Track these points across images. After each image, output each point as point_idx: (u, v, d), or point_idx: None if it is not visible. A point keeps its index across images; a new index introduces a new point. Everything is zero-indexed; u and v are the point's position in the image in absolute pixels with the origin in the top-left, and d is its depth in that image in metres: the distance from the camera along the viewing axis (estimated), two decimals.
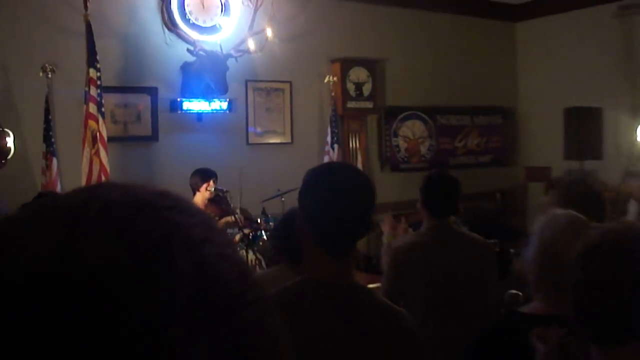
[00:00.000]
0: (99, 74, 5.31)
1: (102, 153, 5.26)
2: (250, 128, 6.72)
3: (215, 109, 6.22)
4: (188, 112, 6.14)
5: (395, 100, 7.73)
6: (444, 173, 3.59)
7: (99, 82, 5.31)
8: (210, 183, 5.38)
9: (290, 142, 6.96)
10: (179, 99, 6.09)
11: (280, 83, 6.89)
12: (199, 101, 6.13)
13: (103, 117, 5.33)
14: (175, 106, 6.10)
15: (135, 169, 5.85)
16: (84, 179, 5.13)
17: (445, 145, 8.22)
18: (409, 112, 7.86)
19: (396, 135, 7.78)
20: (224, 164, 5.86)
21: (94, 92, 5.28)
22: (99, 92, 5.30)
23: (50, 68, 5.31)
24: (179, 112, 6.11)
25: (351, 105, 7.20)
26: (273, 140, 6.88)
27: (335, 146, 6.83)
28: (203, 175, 5.43)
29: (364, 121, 7.44)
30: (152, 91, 6.08)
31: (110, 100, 5.74)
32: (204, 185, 5.36)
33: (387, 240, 3.82)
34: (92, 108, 5.27)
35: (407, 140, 7.87)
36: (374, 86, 7.32)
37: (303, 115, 7.03)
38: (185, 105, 6.10)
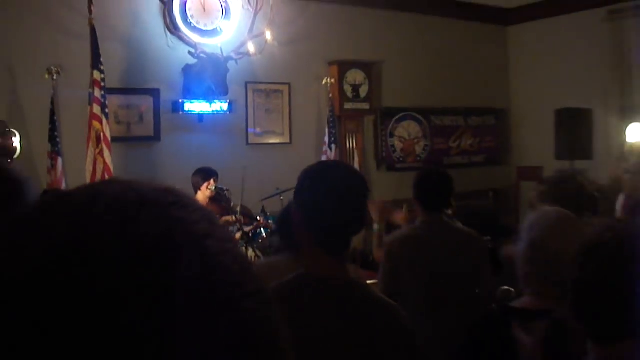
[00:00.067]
0: (103, 76, 5.32)
1: (106, 153, 5.27)
2: (250, 129, 6.73)
3: (216, 110, 6.23)
4: (189, 113, 6.14)
5: (391, 101, 7.75)
6: (437, 169, 3.60)
7: (102, 84, 5.32)
8: (211, 182, 5.38)
9: (289, 142, 6.96)
10: (180, 100, 6.10)
11: (280, 85, 6.90)
12: (200, 102, 6.13)
13: (107, 117, 5.34)
14: (177, 107, 6.10)
15: (138, 168, 5.84)
16: (88, 178, 5.14)
17: (439, 145, 8.23)
18: (404, 113, 7.88)
19: (392, 136, 7.79)
20: (225, 163, 5.86)
21: (98, 93, 5.28)
22: (102, 93, 5.31)
23: (56, 70, 5.31)
24: (180, 113, 6.11)
25: (348, 106, 7.20)
26: (272, 141, 6.89)
27: (333, 146, 6.83)
28: (204, 174, 5.43)
29: (361, 122, 7.45)
30: (155, 93, 6.09)
31: (114, 101, 5.74)
32: (205, 184, 5.37)
33: (377, 227, 3.81)
34: (96, 109, 5.27)
35: (403, 140, 7.88)
36: (370, 88, 7.33)
37: (301, 116, 7.03)
38: (187, 106, 6.10)
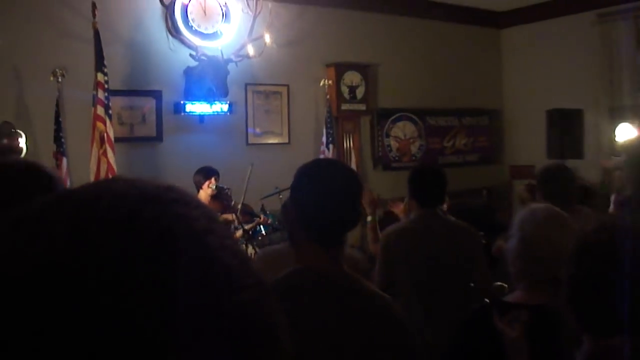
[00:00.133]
0: (106, 78, 5.32)
1: (110, 153, 5.27)
2: (249, 129, 6.73)
3: (217, 111, 6.23)
4: (191, 114, 6.15)
5: (387, 102, 7.76)
6: (431, 165, 3.61)
7: (106, 86, 5.32)
8: (212, 180, 5.40)
9: (287, 142, 6.97)
10: (182, 102, 6.10)
11: (278, 86, 6.90)
12: (201, 104, 6.14)
13: (110, 118, 5.35)
14: (178, 108, 6.11)
15: (140, 168, 5.86)
16: (92, 178, 5.14)
17: (434, 145, 8.24)
18: (400, 114, 7.89)
19: (388, 136, 7.80)
20: (225, 163, 5.87)
21: (101, 95, 5.29)
22: (106, 95, 5.32)
23: (61, 73, 5.31)
24: (182, 114, 6.12)
25: (345, 107, 7.22)
26: (271, 141, 6.90)
27: (330, 146, 6.84)
28: (205, 173, 5.45)
29: (358, 122, 7.47)
30: (157, 94, 6.09)
31: (117, 102, 5.75)
32: (206, 183, 5.39)
33: (370, 219, 3.81)
34: (100, 110, 5.28)
35: (399, 140, 7.89)
36: (366, 89, 7.34)
37: (300, 117, 7.04)
38: (188, 107, 6.11)
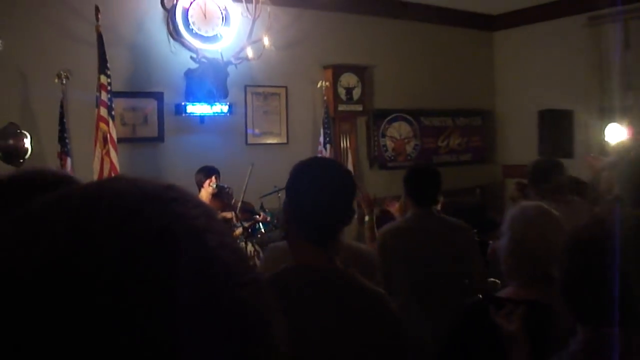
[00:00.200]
0: (109, 80, 5.32)
1: (112, 153, 5.27)
2: (249, 129, 6.74)
3: (217, 112, 6.24)
4: (191, 115, 6.15)
5: (383, 103, 7.77)
6: (426, 165, 3.61)
7: (109, 88, 5.32)
8: (213, 179, 5.41)
9: (286, 142, 6.98)
10: (183, 103, 6.10)
11: (277, 88, 6.91)
12: (202, 105, 6.15)
13: (113, 119, 5.34)
14: (179, 109, 6.11)
15: (142, 167, 5.86)
16: (95, 177, 5.13)
17: (429, 144, 8.25)
18: (395, 114, 7.90)
19: (384, 136, 7.81)
20: (225, 162, 5.88)
21: (104, 96, 5.28)
22: (109, 96, 5.31)
23: (65, 75, 5.30)
24: (183, 115, 6.12)
25: (342, 108, 7.23)
26: (270, 141, 6.90)
27: (328, 146, 6.85)
28: (206, 172, 5.47)
29: (354, 123, 7.48)
30: (158, 96, 6.09)
31: (120, 104, 5.75)
32: (207, 181, 5.41)
33: (368, 219, 3.82)
34: (103, 111, 5.28)
35: (394, 140, 7.90)
36: (363, 91, 7.35)
37: (298, 118, 7.05)
38: (189, 108, 6.11)
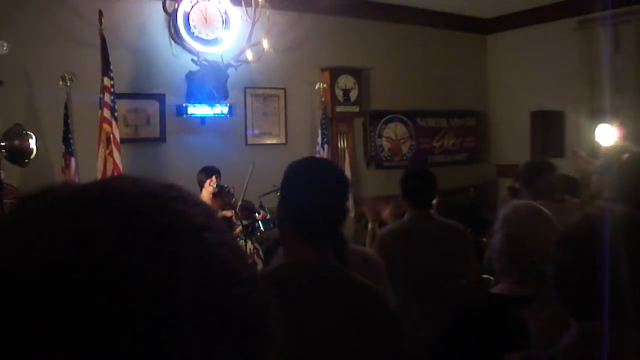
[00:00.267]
0: (112, 82, 5.33)
1: (115, 153, 5.28)
2: (248, 130, 6.75)
3: (217, 113, 6.25)
4: (192, 116, 6.16)
5: (379, 104, 7.78)
6: (422, 168, 3.61)
7: (112, 90, 5.32)
8: (213, 179, 5.43)
9: (284, 142, 6.98)
10: (184, 104, 6.11)
11: (276, 90, 6.92)
12: (203, 106, 6.16)
13: (116, 120, 5.35)
14: (181, 111, 6.12)
15: (145, 167, 5.86)
16: (99, 177, 5.14)
17: (424, 145, 8.26)
18: (391, 115, 7.91)
19: (380, 136, 7.82)
20: (225, 162, 5.90)
21: (108, 98, 5.29)
22: (112, 98, 5.32)
23: (69, 77, 5.30)
24: (184, 116, 6.13)
25: (339, 109, 7.24)
26: (269, 141, 6.91)
27: (325, 146, 6.85)
28: (207, 172, 5.50)
29: (351, 124, 7.49)
30: (160, 97, 6.10)
31: (123, 105, 5.75)
32: (208, 181, 5.43)
33: (371, 226, 3.83)
34: (106, 113, 5.28)
35: (390, 140, 7.91)
36: (360, 92, 7.36)
37: (296, 119, 7.06)
38: (190, 110, 6.12)
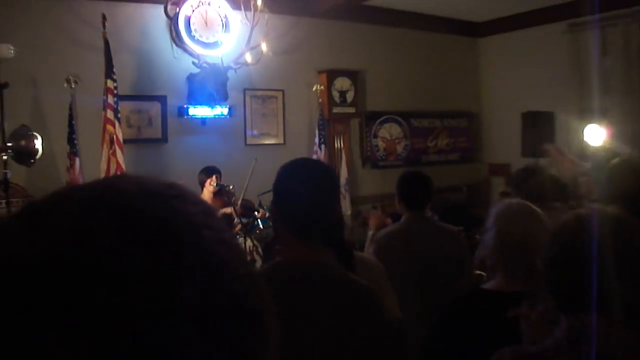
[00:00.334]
0: (115, 84, 5.34)
1: (119, 153, 5.30)
2: (248, 131, 6.76)
3: (217, 115, 6.26)
4: (193, 117, 6.18)
5: (375, 105, 7.80)
6: (418, 172, 3.62)
7: (115, 92, 5.34)
8: (213, 178, 5.44)
9: (283, 143, 7.00)
10: (185, 106, 6.13)
11: (274, 91, 6.94)
12: (203, 107, 6.17)
13: (119, 122, 5.37)
14: (182, 112, 6.14)
15: (147, 167, 5.87)
16: (102, 176, 5.16)
17: (418, 145, 8.28)
18: (386, 116, 7.93)
19: (375, 137, 7.84)
20: (225, 162, 5.92)
21: (111, 100, 5.31)
22: (115, 100, 5.34)
23: (74, 80, 5.32)
24: (185, 117, 6.14)
25: (336, 110, 7.26)
26: (268, 142, 6.93)
27: (322, 146, 6.87)
28: (207, 172, 5.51)
29: (348, 124, 7.51)
30: (162, 99, 6.12)
31: (126, 107, 5.77)
32: (208, 181, 5.44)
33: (372, 234, 3.86)
34: (110, 114, 5.30)
35: (385, 140, 7.94)
36: (356, 94, 7.38)
37: (294, 120, 7.08)
38: (191, 111, 6.14)
